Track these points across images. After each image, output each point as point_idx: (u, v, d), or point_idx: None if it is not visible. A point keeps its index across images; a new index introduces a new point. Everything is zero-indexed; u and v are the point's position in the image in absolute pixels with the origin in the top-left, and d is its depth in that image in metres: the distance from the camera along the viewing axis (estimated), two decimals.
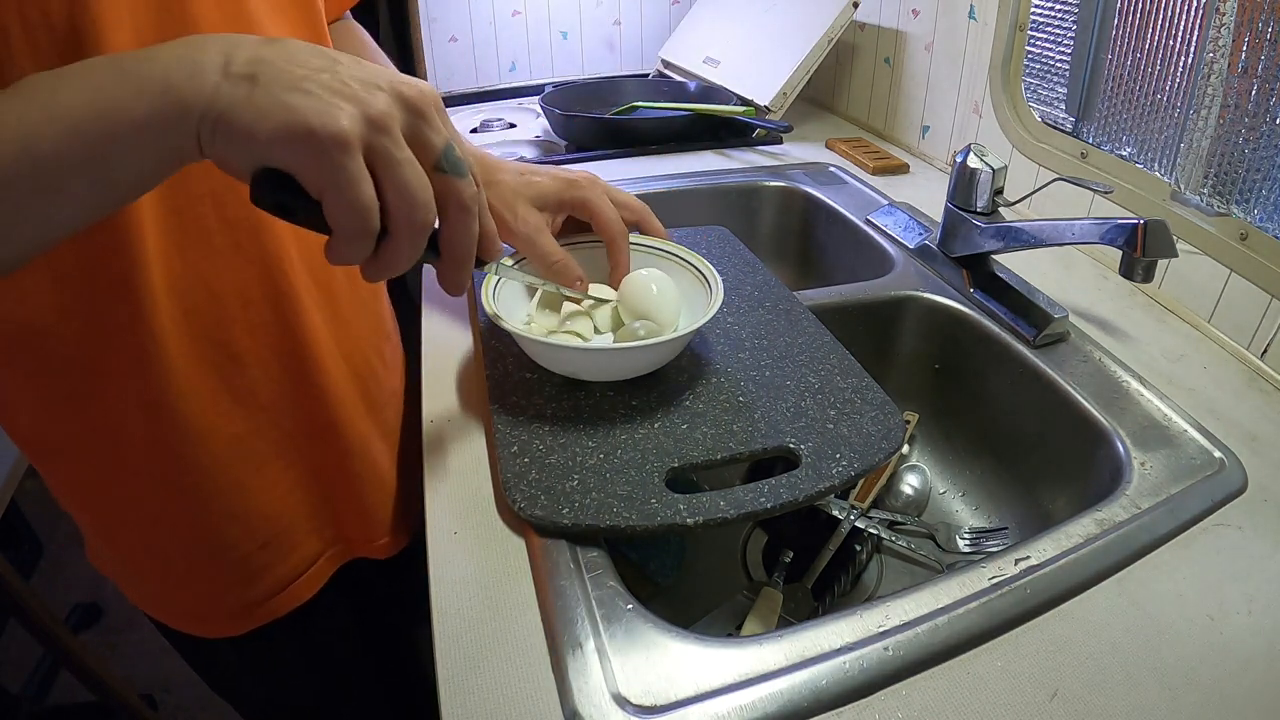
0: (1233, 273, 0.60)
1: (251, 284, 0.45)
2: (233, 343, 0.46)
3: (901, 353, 0.71)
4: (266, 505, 0.51)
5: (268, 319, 0.47)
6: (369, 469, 0.57)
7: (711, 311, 0.50)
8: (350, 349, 0.54)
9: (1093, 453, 0.53)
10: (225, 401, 0.47)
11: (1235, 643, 0.38)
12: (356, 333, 0.55)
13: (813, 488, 0.43)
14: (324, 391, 0.51)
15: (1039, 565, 0.41)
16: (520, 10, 1.33)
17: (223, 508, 0.49)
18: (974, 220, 0.65)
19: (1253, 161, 0.58)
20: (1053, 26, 0.78)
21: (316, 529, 0.55)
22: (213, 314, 0.44)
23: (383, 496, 0.59)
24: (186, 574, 0.52)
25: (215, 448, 0.47)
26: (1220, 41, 0.59)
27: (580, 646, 0.36)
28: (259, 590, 0.53)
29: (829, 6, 1.04)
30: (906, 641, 0.37)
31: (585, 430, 0.47)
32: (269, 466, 0.50)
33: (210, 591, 0.53)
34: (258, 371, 0.48)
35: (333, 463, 0.54)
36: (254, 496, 0.50)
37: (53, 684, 1.34)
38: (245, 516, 0.50)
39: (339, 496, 0.56)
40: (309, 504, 0.54)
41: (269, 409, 0.49)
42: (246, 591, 0.53)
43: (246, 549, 0.51)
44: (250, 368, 0.47)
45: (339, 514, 0.57)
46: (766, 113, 1.07)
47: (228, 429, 0.47)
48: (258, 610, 0.54)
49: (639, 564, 0.58)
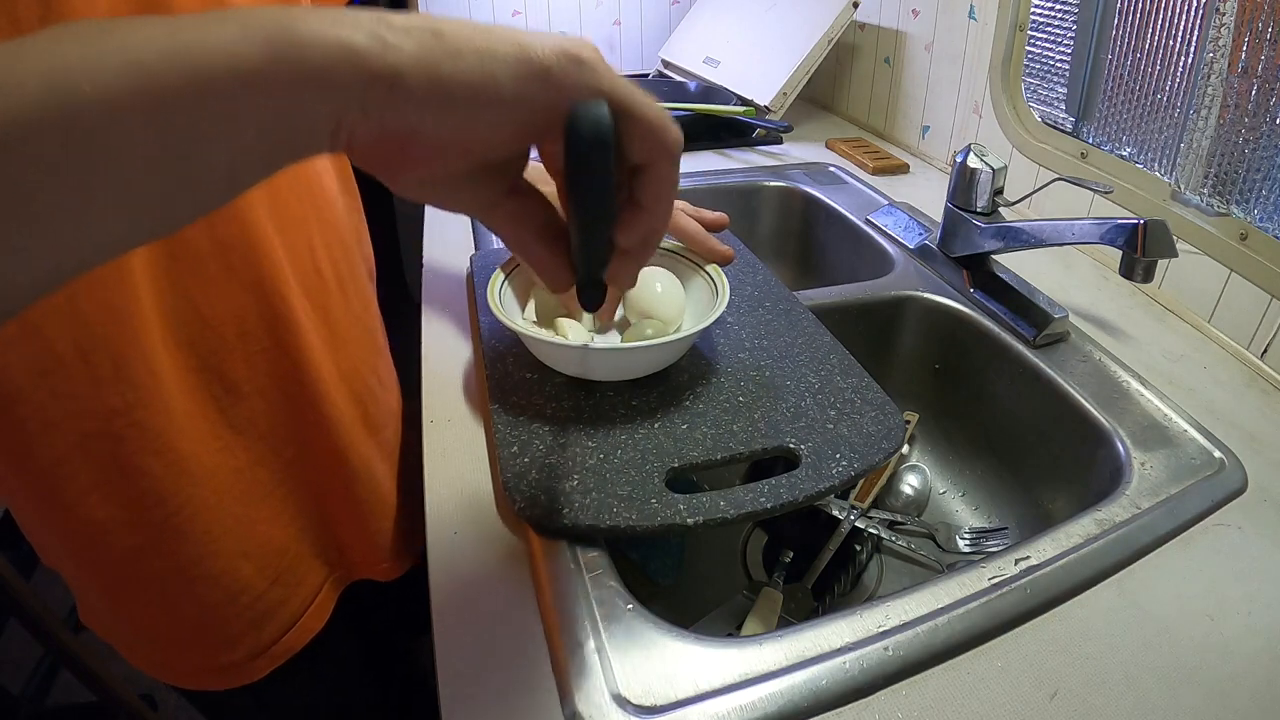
0: (1233, 273, 0.60)
1: (248, 310, 0.43)
2: (231, 373, 0.44)
3: (901, 353, 0.71)
4: (274, 537, 0.49)
5: (266, 345, 0.45)
6: (371, 492, 0.56)
7: (719, 309, 0.50)
8: (349, 370, 0.53)
9: (1093, 453, 0.53)
10: (226, 434, 0.45)
11: (1235, 643, 0.38)
12: (354, 353, 0.54)
13: (813, 488, 0.43)
14: (324, 417, 0.50)
15: (1039, 565, 0.41)
16: (520, 10, 1.33)
17: (234, 547, 0.47)
18: (974, 220, 0.65)
19: (1253, 161, 0.58)
20: (1053, 26, 0.78)
21: (320, 554, 0.54)
22: (209, 344, 0.42)
23: (386, 519, 0.58)
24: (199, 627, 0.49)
25: (219, 483, 0.45)
26: (1220, 41, 0.59)
27: (580, 646, 0.36)
28: (272, 630, 0.51)
29: (829, 6, 1.04)
30: (906, 641, 0.37)
31: (585, 430, 0.47)
32: (272, 496, 0.49)
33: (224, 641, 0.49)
34: (257, 401, 0.46)
35: (336, 487, 0.53)
36: (261, 529, 0.48)
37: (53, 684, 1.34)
38: (256, 552, 0.48)
39: (342, 521, 0.55)
40: (313, 531, 0.53)
41: (269, 438, 0.47)
42: (262, 633, 0.50)
43: (260, 587, 0.49)
44: (249, 398, 0.45)
45: (342, 539, 0.55)
46: (766, 113, 1.07)
47: (230, 462, 0.45)
48: (274, 649, 0.51)
49: (639, 564, 0.58)
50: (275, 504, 0.49)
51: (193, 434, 0.43)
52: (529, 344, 0.52)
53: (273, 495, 0.49)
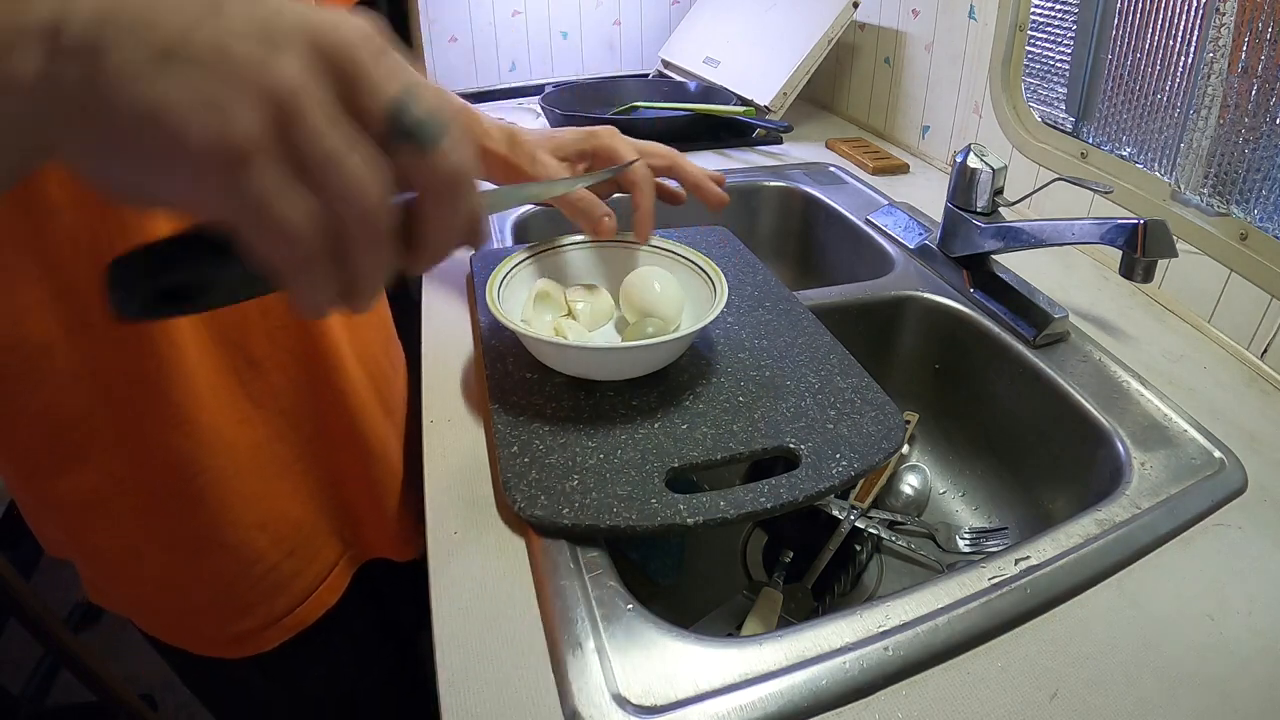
0: (1233, 273, 0.60)
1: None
2: (252, 348, 0.45)
3: (901, 353, 0.71)
4: (291, 511, 0.50)
5: (285, 322, 0.46)
6: (387, 472, 0.56)
7: (719, 306, 0.50)
8: (363, 351, 0.53)
9: (1093, 453, 0.53)
10: (246, 408, 0.46)
11: (1235, 642, 0.38)
12: (367, 335, 0.55)
13: (813, 488, 0.43)
14: (343, 395, 0.50)
15: (1039, 565, 0.41)
16: (520, 10, 1.33)
17: (250, 518, 0.48)
18: (974, 220, 0.65)
19: (1253, 161, 0.58)
20: (1053, 26, 0.78)
21: (336, 530, 0.55)
22: (230, 318, 0.44)
23: (401, 499, 0.58)
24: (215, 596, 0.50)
25: (238, 456, 0.46)
26: (1220, 41, 0.59)
27: (580, 646, 0.36)
28: (285, 601, 0.52)
29: (829, 6, 1.04)
30: (906, 641, 0.37)
31: (585, 430, 0.47)
32: (290, 471, 0.50)
33: (239, 610, 0.51)
34: (278, 376, 0.47)
35: (353, 465, 0.54)
36: (278, 503, 0.49)
37: (53, 684, 1.34)
38: (272, 525, 0.49)
39: (359, 499, 0.55)
40: (330, 508, 0.53)
41: (289, 414, 0.48)
42: (275, 603, 0.51)
43: (274, 559, 0.50)
44: (270, 373, 0.46)
45: (358, 516, 0.56)
46: (766, 113, 1.07)
47: (249, 436, 0.46)
48: (287, 620, 0.52)
49: (639, 564, 0.58)
50: (294, 479, 0.50)
51: (213, 406, 0.44)
52: (529, 344, 0.52)
53: (291, 470, 0.50)
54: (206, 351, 0.43)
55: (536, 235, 0.69)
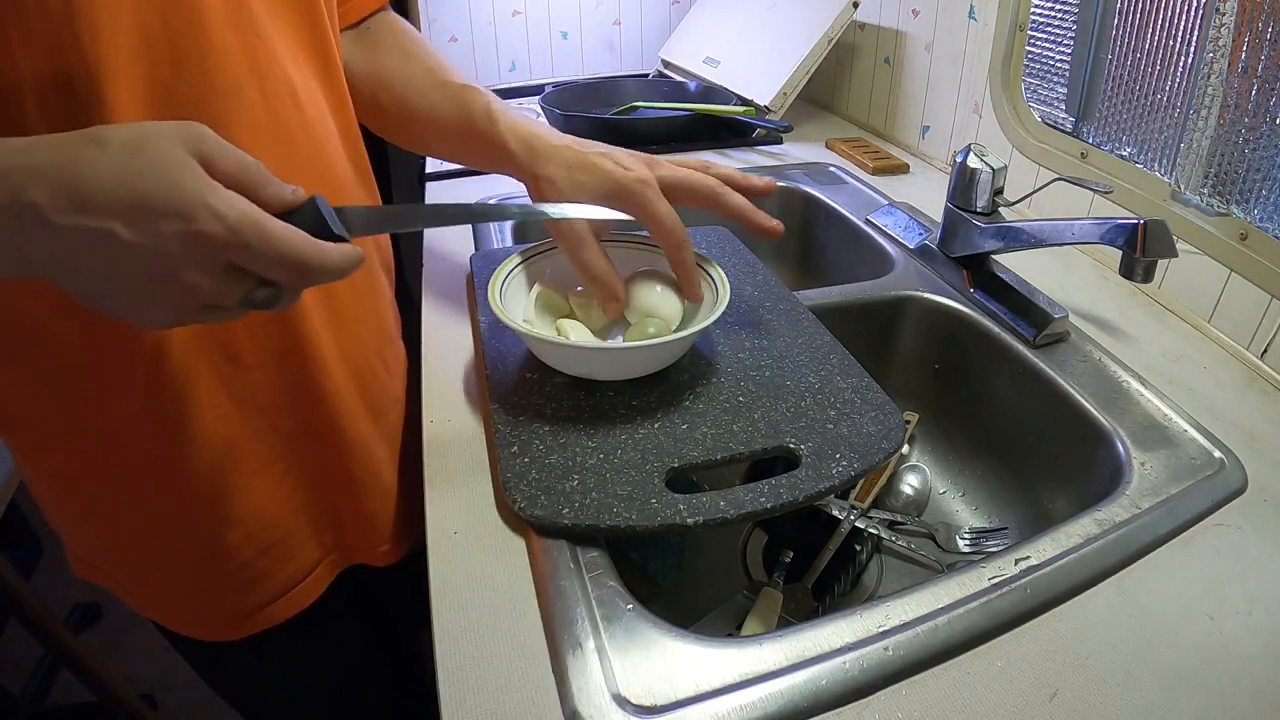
0: (1233, 273, 0.60)
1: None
2: (233, 344, 0.45)
3: (901, 353, 0.71)
4: (266, 510, 0.51)
5: (267, 319, 0.46)
6: (370, 474, 0.56)
7: (721, 307, 0.50)
8: (352, 350, 0.53)
9: (1093, 453, 0.53)
10: (225, 404, 0.46)
11: (1235, 643, 0.38)
12: (358, 334, 0.54)
13: (813, 488, 0.43)
14: (325, 393, 0.51)
15: (1039, 565, 0.41)
16: (520, 10, 1.33)
17: (223, 513, 0.49)
18: (974, 220, 0.65)
19: (1253, 161, 0.58)
20: (1053, 26, 0.78)
21: (315, 534, 0.55)
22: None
23: (384, 503, 0.58)
24: (188, 580, 0.52)
25: (214, 451, 0.47)
26: (1220, 41, 0.59)
27: (580, 646, 0.36)
28: (257, 597, 0.53)
29: (829, 6, 1.04)
30: (906, 641, 0.37)
31: (585, 430, 0.47)
32: (268, 470, 0.50)
33: (210, 598, 0.52)
34: (258, 374, 0.47)
35: (333, 467, 0.54)
36: (253, 501, 0.50)
37: (53, 684, 1.34)
38: (245, 521, 0.50)
39: (339, 502, 0.55)
40: (309, 509, 0.54)
41: (269, 412, 0.49)
42: (245, 598, 0.52)
43: (246, 555, 0.51)
44: (251, 370, 0.47)
45: (339, 519, 0.56)
46: (766, 113, 1.07)
47: (225, 432, 0.47)
48: (257, 616, 0.53)
49: (639, 564, 0.58)
50: (271, 478, 0.50)
51: (191, 400, 0.45)
52: (531, 344, 0.52)
53: (269, 469, 0.50)
54: (187, 346, 0.44)
55: (537, 235, 0.69)
